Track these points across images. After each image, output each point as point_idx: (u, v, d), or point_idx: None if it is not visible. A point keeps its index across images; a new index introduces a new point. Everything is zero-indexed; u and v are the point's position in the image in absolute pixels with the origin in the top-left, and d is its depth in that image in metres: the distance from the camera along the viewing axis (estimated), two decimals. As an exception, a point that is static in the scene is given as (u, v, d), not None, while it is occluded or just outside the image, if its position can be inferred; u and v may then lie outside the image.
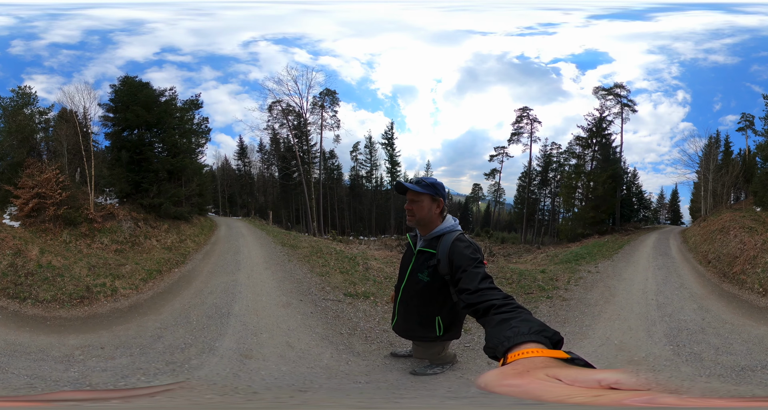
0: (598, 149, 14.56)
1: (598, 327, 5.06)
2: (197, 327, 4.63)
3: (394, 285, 3.12)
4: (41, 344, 4.13)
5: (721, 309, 6.01)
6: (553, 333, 1.12)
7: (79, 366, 3.63)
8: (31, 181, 8.36)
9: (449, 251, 2.27)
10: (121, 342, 4.28)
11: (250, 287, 6.08)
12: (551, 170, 16.22)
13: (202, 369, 3.62)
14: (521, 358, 0.92)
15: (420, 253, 2.58)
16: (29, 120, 9.86)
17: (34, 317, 5.03)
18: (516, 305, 1.48)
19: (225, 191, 16.23)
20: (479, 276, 1.91)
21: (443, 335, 2.69)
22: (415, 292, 2.64)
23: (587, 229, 14.41)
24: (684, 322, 5.29)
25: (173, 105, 11.04)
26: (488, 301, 1.59)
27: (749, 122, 13.11)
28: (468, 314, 1.78)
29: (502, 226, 18.11)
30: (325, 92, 14.71)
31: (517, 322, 1.21)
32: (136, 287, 6.28)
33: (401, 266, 2.83)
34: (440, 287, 2.48)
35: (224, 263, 7.72)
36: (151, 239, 8.88)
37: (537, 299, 6.32)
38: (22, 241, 7.01)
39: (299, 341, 4.22)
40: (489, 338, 1.22)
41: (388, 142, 16.55)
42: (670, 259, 9.37)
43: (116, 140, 10.13)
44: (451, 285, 2.26)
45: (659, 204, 16.16)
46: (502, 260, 11.97)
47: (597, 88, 14.06)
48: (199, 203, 11.60)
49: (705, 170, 12.55)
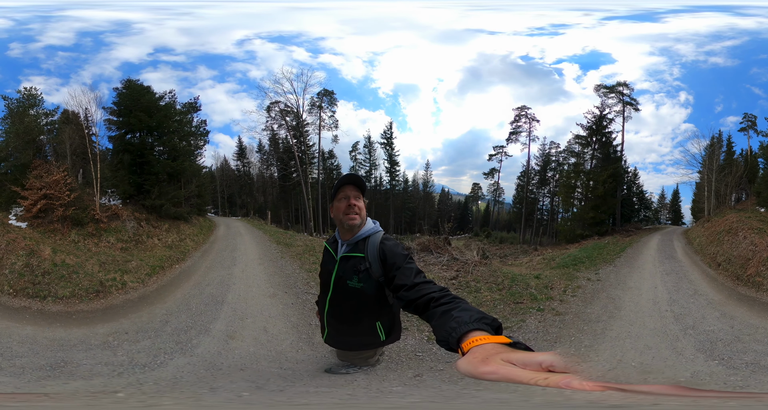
0: (598, 147, 14.70)
1: (603, 347, 4.70)
2: (196, 313, 5.63)
3: (316, 301, 3.10)
4: (79, 336, 4.99)
5: (745, 315, 5.84)
6: (491, 319, 1.24)
7: (121, 351, 4.48)
8: (38, 182, 8.99)
9: (379, 251, 2.29)
10: (138, 327, 5.25)
11: (243, 280, 7.02)
12: (550, 169, 16.60)
13: (199, 347, 4.53)
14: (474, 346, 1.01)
15: (344, 259, 2.48)
16: (35, 122, 10.42)
17: (59, 313, 5.88)
18: (453, 296, 1.61)
19: (224, 191, 16.71)
20: (413, 272, 2.03)
21: (387, 339, 2.63)
22: (347, 301, 2.52)
23: (587, 230, 14.39)
24: (713, 333, 5.04)
25: (173, 109, 11.74)
26: (426, 295, 1.71)
27: (751, 122, 13.35)
28: (408, 311, 1.87)
29: (501, 226, 18.52)
30: (323, 92, 15.09)
31: (458, 312, 1.32)
32: (143, 281, 7.26)
33: (322, 276, 2.71)
34: (375, 292, 2.41)
35: (221, 259, 8.63)
36: (153, 238, 9.76)
37: (526, 311, 5.85)
38: (34, 241, 7.70)
39: (274, 327, 5.03)
40: (436, 331, 1.34)
41: (387, 141, 16.89)
42: (677, 263, 9.27)
43: (119, 143, 10.92)
44: (386, 286, 2.29)
45: (660, 204, 16.47)
46: (496, 261, 11.41)
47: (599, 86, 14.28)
48: (198, 204, 12.32)
49: (708, 170, 12.73)
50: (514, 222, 18.03)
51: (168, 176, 11.21)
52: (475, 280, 7.45)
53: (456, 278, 7.64)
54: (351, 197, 2.36)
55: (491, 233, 17.83)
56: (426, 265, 8.54)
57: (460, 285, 7.24)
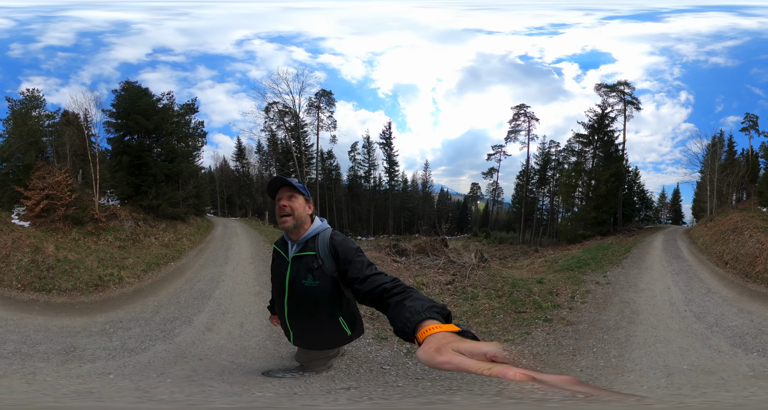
0: (600, 146, 14.77)
1: (636, 355, 4.35)
2: (184, 306, 6.02)
3: (268, 306, 3.15)
4: (81, 324, 5.42)
5: (760, 309, 5.95)
6: (441, 307, 1.30)
7: (116, 337, 4.89)
8: (41, 183, 9.28)
9: (330, 247, 2.35)
10: (131, 317, 5.69)
11: (233, 277, 7.33)
12: (550, 168, 16.62)
13: (179, 336, 4.89)
14: (427, 335, 1.06)
15: (296, 259, 2.50)
16: (38, 124, 10.67)
17: (63, 304, 6.34)
18: (405, 286, 1.67)
19: (224, 192, 16.89)
20: (364, 264, 2.09)
21: (352, 333, 2.65)
22: (305, 301, 2.52)
23: (588, 230, 14.38)
24: (737, 328, 5.11)
25: (171, 111, 11.95)
26: (379, 286, 1.76)
27: (753, 122, 13.40)
28: (364, 304, 1.91)
29: (501, 226, 18.59)
30: (321, 93, 15.23)
31: (410, 302, 1.38)
32: (138, 276, 7.65)
33: (275, 279, 2.70)
34: (332, 288, 2.43)
35: (215, 258, 8.93)
36: (150, 237, 10.07)
37: (530, 321, 5.34)
38: (37, 239, 8.06)
39: (250, 323, 5.22)
40: (392, 322, 1.39)
41: (386, 142, 17.00)
42: (684, 262, 9.27)
43: (117, 145, 11.16)
44: (340, 281, 2.35)
45: (660, 204, 16.49)
46: (495, 264, 11.10)
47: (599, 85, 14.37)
48: (195, 205, 12.52)
49: (710, 170, 12.78)
50: (513, 222, 18.07)
51: (165, 177, 11.43)
52: (472, 285, 7.11)
53: (452, 283, 7.26)
54: (283, 199, 2.42)
55: (490, 233, 17.87)
56: (421, 268, 8.26)
57: (456, 291, 6.87)
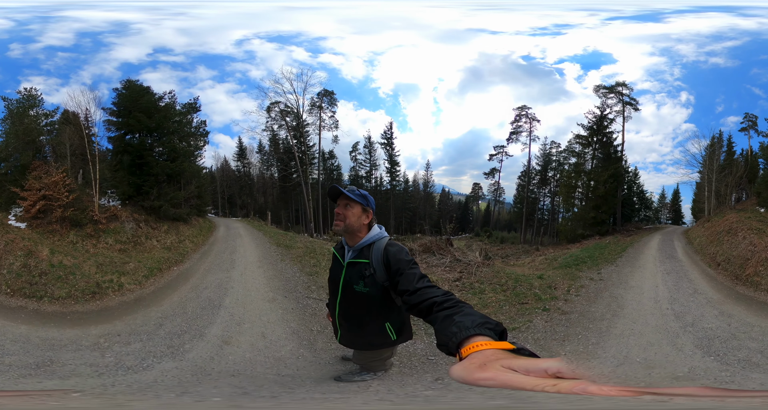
0: (599, 147, 14.83)
1: (609, 344, 4.86)
2: (192, 317, 5.58)
3: (326, 304, 3.24)
4: (71, 336, 5.02)
5: (742, 313, 6.01)
6: (495, 324, 1.21)
7: (109, 352, 4.48)
8: (37, 183, 9.05)
9: (383, 257, 2.40)
10: (132, 329, 5.24)
11: (242, 283, 6.96)
12: (551, 168, 16.69)
13: (192, 352, 4.51)
14: (473, 352, 0.99)
15: (351, 265, 2.60)
16: (35, 122, 10.47)
17: (54, 313, 5.93)
18: (457, 300, 1.61)
19: (225, 192, 16.79)
20: (416, 276, 2.09)
21: (398, 338, 2.75)
22: (355, 305, 2.65)
23: (587, 229, 14.55)
24: (711, 330, 5.24)
25: (172, 109, 11.78)
26: (429, 299, 1.74)
27: (752, 122, 13.43)
28: (413, 314, 1.92)
29: (502, 225, 18.64)
30: (323, 93, 15.23)
31: (460, 317, 1.30)
32: (140, 282, 7.26)
33: (331, 281, 2.84)
34: (382, 295, 2.51)
35: (220, 261, 8.58)
36: (152, 239, 9.80)
37: (531, 311, 5.99)
38: (32, 242, 7.76)
39: (273, 333, 4.98)
40: (438, 336, 1.33)
41: (388, 141, 17.05)
42: (677, 262, 9.40)
43: (118, 144, 10.97)
44: (391, 290, 2.40)
45: (660, 204, 16.55)
46: (499, 262, 11.53)
47: (598, 87, 14.45)
48: (197, 205, 12.35)
49: (709, 170, 12.79)
50: (514, 222, 18.13)
51: (167, 177, 11.26)
52: (479, 281, 7.51)
53: (459, 280, 7.67)
54: (339, 205, 2.54)
55: (492, 233, 17.95)
56: (428, 267, 8.52)
57: (464, 287, 7.28)
